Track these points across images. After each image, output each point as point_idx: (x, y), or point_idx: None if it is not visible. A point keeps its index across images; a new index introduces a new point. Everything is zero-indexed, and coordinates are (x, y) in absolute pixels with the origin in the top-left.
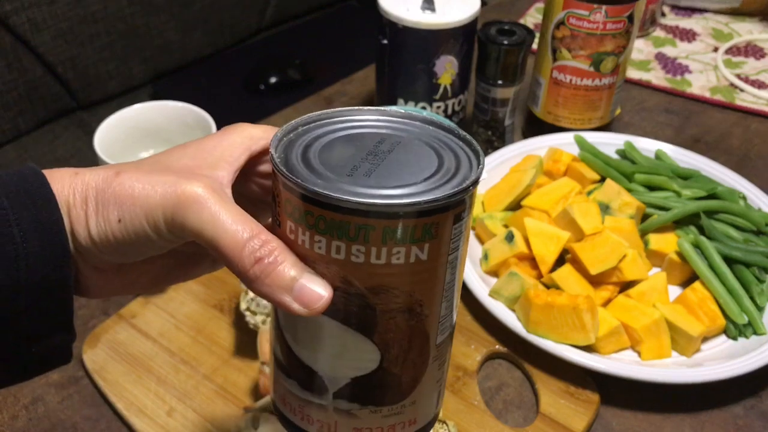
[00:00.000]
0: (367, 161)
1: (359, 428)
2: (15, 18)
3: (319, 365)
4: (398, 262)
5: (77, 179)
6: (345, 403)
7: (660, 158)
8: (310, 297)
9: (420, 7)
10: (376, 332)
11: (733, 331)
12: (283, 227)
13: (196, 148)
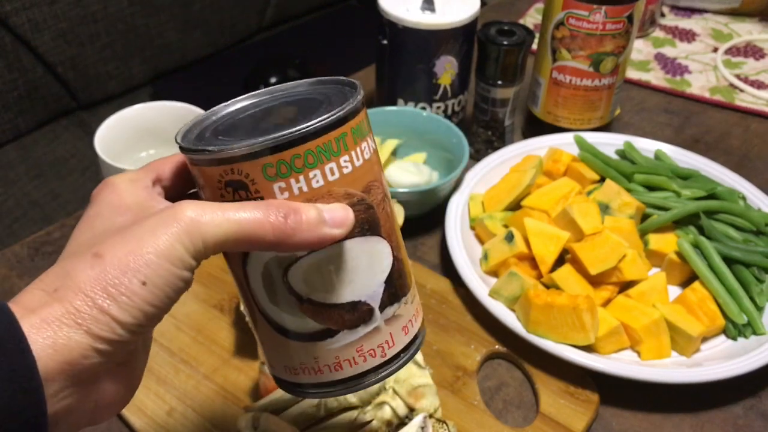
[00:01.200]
0: (280, 111)
1: (405, 326)
2: (15, 18)
3: (358, 291)
4: (367, 156)
5: (61, 293)
6: (389, 310)
7: (659, 158)
8: (339, 216)
9: (420, 8)
10: (381, 226)
11: (733, 331)
12: (269, 196)
13: (109, 209)
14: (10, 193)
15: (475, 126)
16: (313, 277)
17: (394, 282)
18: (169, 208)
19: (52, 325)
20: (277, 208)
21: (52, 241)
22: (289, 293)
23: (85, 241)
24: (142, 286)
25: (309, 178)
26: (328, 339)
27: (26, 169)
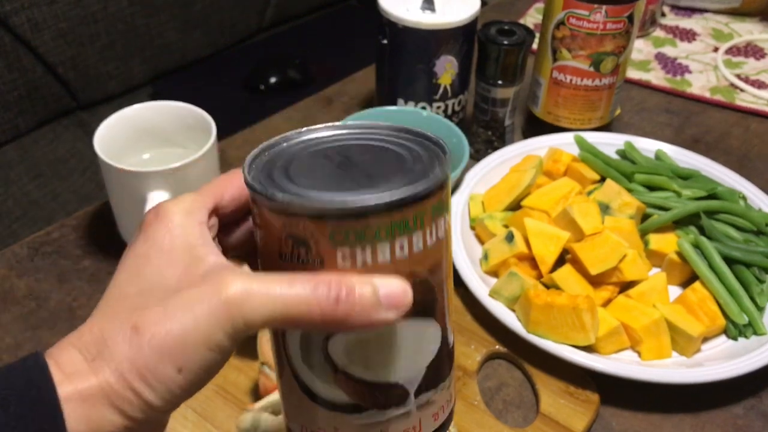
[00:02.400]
0: (353, 170)
1: (436, 413)
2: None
3: (398, 373)
4: (440, 234)
5: (98, 364)
6: (424, 396)
7: (660, 158)
8: (396, 296)
9: (420, 7)
10: (437, 310)
11: (733, 331)
12: (330, 261)
13: (156, 253)
14: (9, 193)
15: (475, 126)
16: (355, 351)
17: (436, 368)
18: (214, 280)
19: (88, 401)
20: (329, 286)
21: (52, 241)
22: (325, 360)
23: (128, 295)
24: (177, 373)
25: (376, 251)
26: (355, 414)
27: (26, 169)
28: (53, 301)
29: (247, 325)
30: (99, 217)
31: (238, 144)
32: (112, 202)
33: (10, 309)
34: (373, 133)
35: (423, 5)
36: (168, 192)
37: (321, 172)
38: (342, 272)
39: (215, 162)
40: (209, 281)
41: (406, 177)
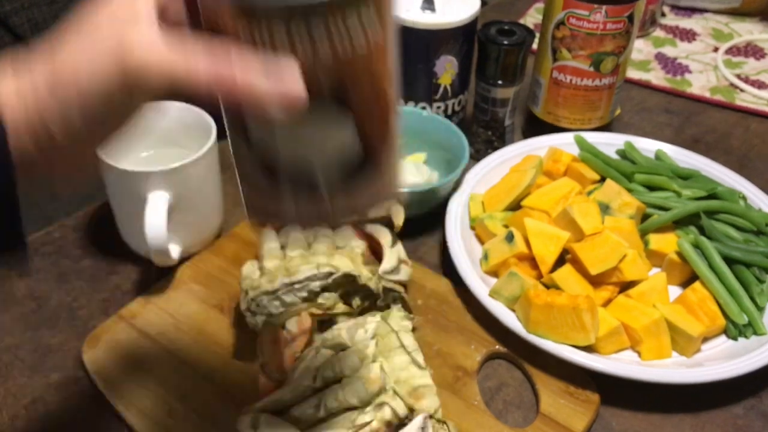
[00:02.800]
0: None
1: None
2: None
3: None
4: (357, 43)
5: (20, 68)
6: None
7: (660, 158)
8: (283, 70)
9: (420, 7)
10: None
11: (733, 331)
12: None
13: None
14: None
15: (475, 126)
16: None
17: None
18: (127, 19)
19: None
20: (224, 52)
21: (52, 241)
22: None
23: (69, 27)
24: (77, 94)
25: (276, 44)
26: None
27: None
28: (53, 300)
29: (138, 69)
30: (99, 217)
31: None
32: (112, 203)
33: (11, 309)
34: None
35: (423, 5)
36: (168, 192)
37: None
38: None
39: (215, 162)
40: (123, 21)
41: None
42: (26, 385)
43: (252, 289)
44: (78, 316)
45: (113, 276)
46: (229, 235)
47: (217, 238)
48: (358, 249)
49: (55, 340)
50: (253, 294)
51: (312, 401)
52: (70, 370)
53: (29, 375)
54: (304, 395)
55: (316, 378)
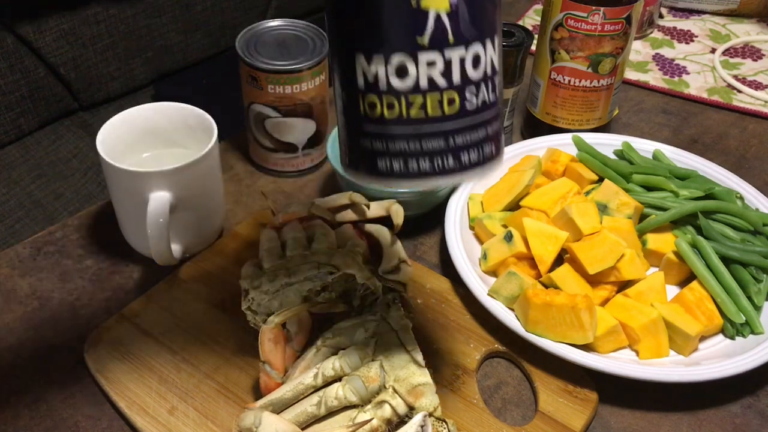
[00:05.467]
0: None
1: None
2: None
3: None
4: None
5: None
6: None
7: (658, 159)
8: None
9: None
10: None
11: (731, 330)
12: None
13: None
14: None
15: None
16: None
17: None
18: None
19: None
20: None
21: (54, 241)
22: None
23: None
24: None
25: None
26: None
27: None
28: (55, 300)
29: None
30: (101, 217)
31: (239, 144)
32: (114, 202)
33: (13, 308)
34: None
35: None
36: (169, 192)
37: None
38: None
39: (217, 162)
40: None
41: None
42: (28, 384)
43: (253, 288)
44: (80, 316)
45: (115, 275)
46: (230, 234)
47: (218, 237)
48: (358, 249)
49: (58, 339)
50: (253, 293)
51: (312, 399)
52: (72, 370)
53: (31, 374)
54: (304, 394)
55: (316, 376)
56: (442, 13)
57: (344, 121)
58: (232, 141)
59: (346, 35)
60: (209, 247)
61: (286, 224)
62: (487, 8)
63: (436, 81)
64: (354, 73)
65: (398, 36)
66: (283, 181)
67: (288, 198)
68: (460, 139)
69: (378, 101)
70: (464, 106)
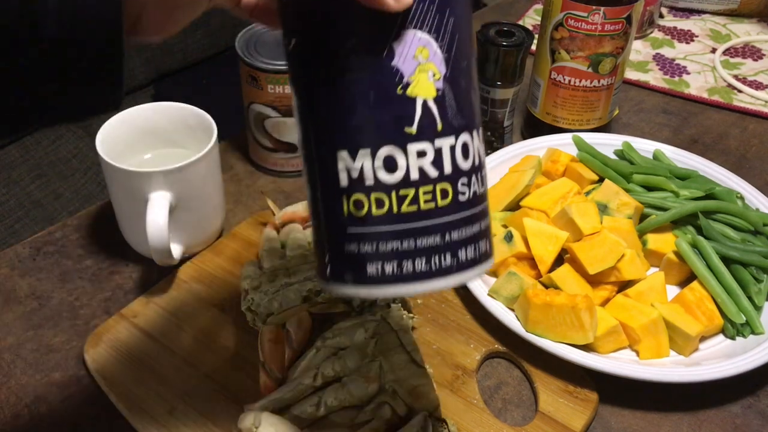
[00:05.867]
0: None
1: None
2: None
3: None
4: None
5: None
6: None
7: (658, 159)
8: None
9: None
10: None
11: (731, 330)
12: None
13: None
14: (12, 193)
15: None
16: None
17: None
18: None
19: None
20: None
21: (54, 241)
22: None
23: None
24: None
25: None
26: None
27: (28, 170)
28: (55, 300)
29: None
30: (101, 217)
31: (239, 144)
32: (114, 203)
33: (13, 308)
34: None
35: None
36: (169, 192)
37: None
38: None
39: (216, 162)
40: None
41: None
42: (28, 385)
43: (252, 288)
44: (80, 316)
45: (115, 275)
46: (230, 234)
47: (218, 237)
48: None
49: (57, 340)
50: (253, 294)
51: (312, 400)
52: (71, 370)
53: (31, 374)
54: (304, 394)
55: (316, 377)
56: (429, 100)
57: (323, 226)
58: (232, 141)
59: (324, 132)
60: (209, 247)
61: (286, 224)
62: (471, 96)
63: (427, 172)
64: (336, 172)
65: (385, 127)
66: (283, 181)
67: (288, 198)
68: (456, 234)
69: (365, 199)
70: (458, 198)
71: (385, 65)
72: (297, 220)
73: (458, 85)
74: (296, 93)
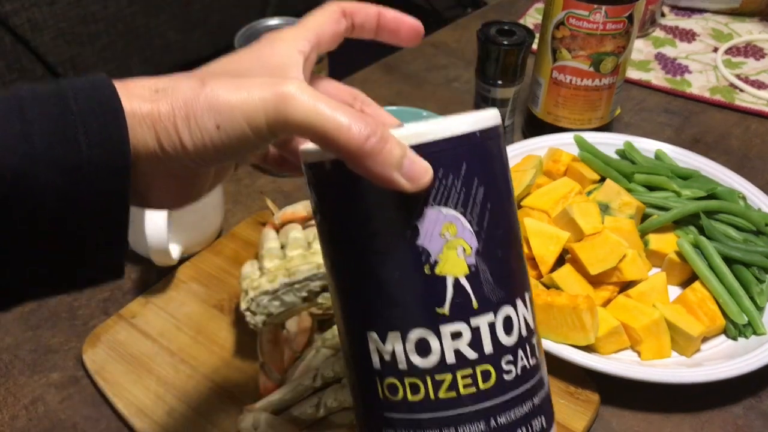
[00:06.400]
0: None
1: None
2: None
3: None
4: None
5: (160, 96)
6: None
7: (660, 158)
8: (418, 170)
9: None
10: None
11: (733, 331)
12: None
13: (255, 57)
14: None
15: None
16: None
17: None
18: (279, 78)
19: (137, 118)
20: (367, 123)
21: None
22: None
23: (213, 71)
24: (215, 128)
25: None
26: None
27: None
28: (53, 300)
29: (286, 120)
30: None
31: None
32: None
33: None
34: None
35: None
36: None
37: None
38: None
39: None
40: (276, 78)
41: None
42: (26, 385)
43: (252, 289)
44: (78, 316)
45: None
46: (229, 235)
47: (217, 238)
48: None
49: (56, 340)
50: (253, 294)
51: (312, 401)
52: (70, 370)
53: (29, 374)
54: (303, 395)
55: (315, 377)
56: (461, 277)
57: (362, 406)
58: None
59: (353, 310)
60: (208, 247)
61: (285, 224)
62: (512, 264)
63: (465, 354)
64: (368, 352)
65: (414, 309)
66: (282, 181)
67: (287, 198)
68: (504, 418)
69: (399, 383)
70: (502, 379)
71: (410, 245)
72: (296, 220)
73: (493, 257)
74: (326, 264)
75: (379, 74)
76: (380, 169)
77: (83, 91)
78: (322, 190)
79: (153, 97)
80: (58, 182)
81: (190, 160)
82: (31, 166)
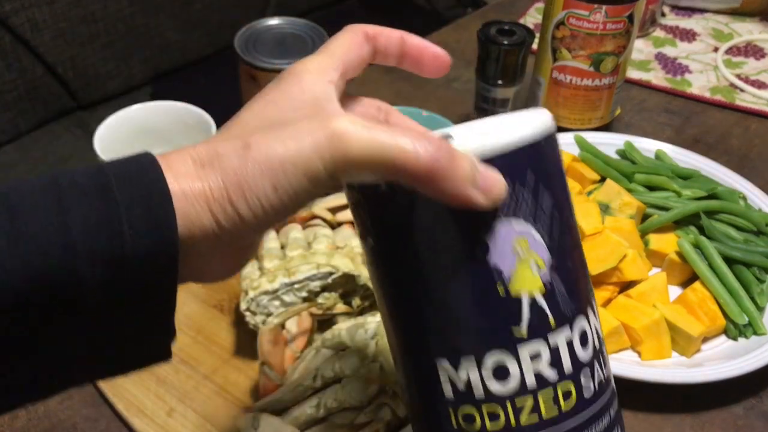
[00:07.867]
0: None
1: None
2: (15, 18)
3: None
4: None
5: (207, 171)
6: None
7: (660, 158)
8: (492, 183)
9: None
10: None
11: (734, 331)
12: None
13: (285, 98)
14: None
15: None
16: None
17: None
18: (325, 117)
19: (189, 199)
20: (431, 141)
21: None
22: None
23: (248, 125)
24: (272, 191)
25: None
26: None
27: (26, 169)
28: None
29: (346, 159)
30: None
31: None
32: None
33: None
34: None
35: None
36: None
37: None
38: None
39: None
40: (321, 118)
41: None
42: None
43: (252, 289)
44: None
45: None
46: None
47: None
48: (358, 249)
49: None
50: (253, 294)
51: (312, 401)
52: None
53: None
54: (303, 395)
55: (315, 378)
56: (537, 294)
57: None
58: None
59: (417, 340)
60: None
61: (285, 224)
62: (579, 272)
63: (545, 375)
64: (438, 383)
65: (489, 332)
66: None
67: None
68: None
69: (476, 413)
70: (582, 396)
71: (481, 263)
72: (297, 220)
73: (566, 268)
74: (381, 290)
75: (379, 74)
76: (454, 187)
77: (126, 177)
78: (378, 213)
79: (200, 173)
80: (100, 275)
81: (250, 230)
82: (71, 259)
